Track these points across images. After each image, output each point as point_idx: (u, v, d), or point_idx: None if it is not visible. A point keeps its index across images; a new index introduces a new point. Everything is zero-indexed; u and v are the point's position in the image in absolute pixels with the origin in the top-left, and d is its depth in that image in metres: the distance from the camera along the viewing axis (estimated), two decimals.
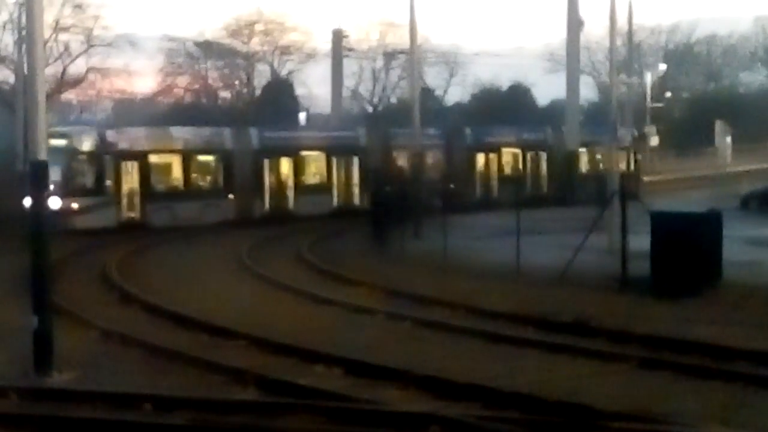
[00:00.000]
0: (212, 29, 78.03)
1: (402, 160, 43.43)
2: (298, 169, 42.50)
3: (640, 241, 21.88)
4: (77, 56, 63.25)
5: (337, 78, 62.77)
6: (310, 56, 76.22)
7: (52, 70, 58.05)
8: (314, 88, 75.00)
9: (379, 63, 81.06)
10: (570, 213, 35.98)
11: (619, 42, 38.57)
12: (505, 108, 71.71)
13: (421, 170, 39.17)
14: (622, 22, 43.66)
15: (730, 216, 25.03)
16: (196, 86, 76.40)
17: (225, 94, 78.46)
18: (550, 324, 17.36)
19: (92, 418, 11.66)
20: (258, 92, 76.79)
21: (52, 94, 56.83)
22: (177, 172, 39.69)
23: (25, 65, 17.49)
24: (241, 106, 74.69)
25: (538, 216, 33.75)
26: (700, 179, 56.76)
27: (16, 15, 53.76)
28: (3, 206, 34.35)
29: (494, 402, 12.01)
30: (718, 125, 51.83)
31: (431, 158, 45.01)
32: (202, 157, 40.62)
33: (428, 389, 12.84)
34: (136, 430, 11.23)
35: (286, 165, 42.26)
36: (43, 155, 14.42)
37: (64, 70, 62.91)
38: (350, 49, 68.97)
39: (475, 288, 22.08)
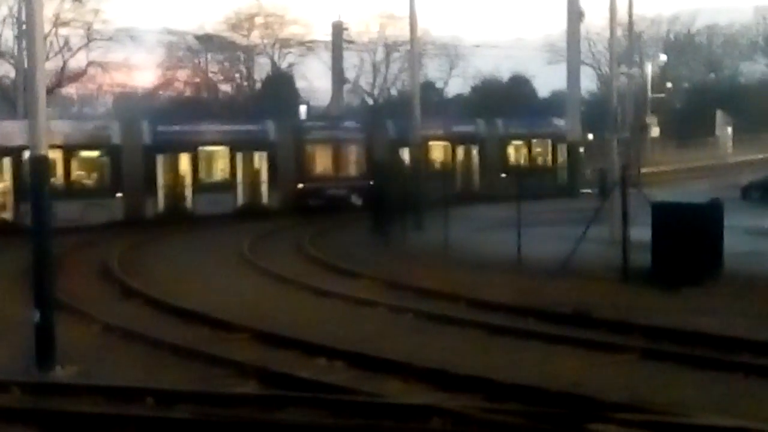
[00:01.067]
0: (212, 22, 78.36)
1: (319, 155, 42.54)
2: (197, 165, 39.75)
3: (642, 232, 21.89)
4: (77, 50, 63.34)
5: (337, 71, 62.60)
6: (311, 49, 76.36)
7: (52, 65, 58.11)
8: (315, 80, 75.24)
9: (380, 55, 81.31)
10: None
11: (619, 33, 38.41)
12: (505, 100, 71.73)
13: (422, 163, 38.74)
14: (622, 13, 43.55)
15: (731, 206, 24.95)
16: (197, 80, 76.48)
17: (225, 88, 78.54)
18: (552, 315, 17.36)
19: (94, 412, 11.67)
20: (258, 85, 76.89)
21: (53, 89, 56.89)
22: (55, 169, 35.54)
23: (26, 60, 17.46)
24: (242, 99, 74.74)
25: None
26: (701, 170, 56.71)
27: (16, 9, 53.89)
28: None
29: (496, 394, 12.02)
30: (719, 115, 51.76)
31: (351, 153, 43.64)
32: (84, 153, 37.94)
33: (430, 381, 12.84)
34: (138, 424, 11.21)
35: (183, 161, 39.69)
36: (44, 150, 14.44)
37: (65, 64, 62.94)
38: (350, 42, 68.93)
39: (477, 280, 22.07)
